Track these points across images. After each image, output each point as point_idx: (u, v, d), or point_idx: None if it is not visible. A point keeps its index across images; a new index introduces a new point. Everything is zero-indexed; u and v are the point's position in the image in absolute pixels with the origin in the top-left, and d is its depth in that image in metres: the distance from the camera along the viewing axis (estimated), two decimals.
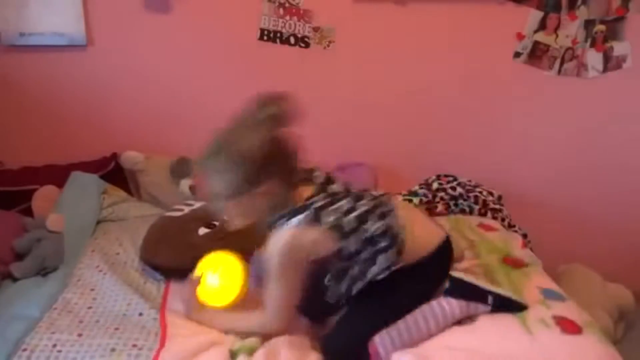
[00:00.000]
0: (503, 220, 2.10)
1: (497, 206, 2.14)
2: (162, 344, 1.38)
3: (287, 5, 2.25)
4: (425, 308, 1.44)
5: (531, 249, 1.96)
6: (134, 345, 1.38)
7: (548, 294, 1.56)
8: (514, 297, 1.50)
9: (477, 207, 2.15)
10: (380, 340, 1.36)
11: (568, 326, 1.41)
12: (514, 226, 2.09)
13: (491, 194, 2.19)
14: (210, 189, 1.33)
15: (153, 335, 1.42)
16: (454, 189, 2.18)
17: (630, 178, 2.50)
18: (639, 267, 2.58)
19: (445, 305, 1.46)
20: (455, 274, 1.56)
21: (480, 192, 2.18)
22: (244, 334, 1.43)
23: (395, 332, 1.38)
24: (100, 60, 2.25)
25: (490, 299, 1.47)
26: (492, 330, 1.41)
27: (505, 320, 1.44)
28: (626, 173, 2.50)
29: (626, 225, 2.56)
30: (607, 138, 2.45)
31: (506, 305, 1.48)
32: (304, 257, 1.34)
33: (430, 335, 1.41)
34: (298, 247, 1.32)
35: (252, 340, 1.39)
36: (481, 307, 1.48)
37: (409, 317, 1.42)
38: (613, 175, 2.50)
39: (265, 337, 1.42)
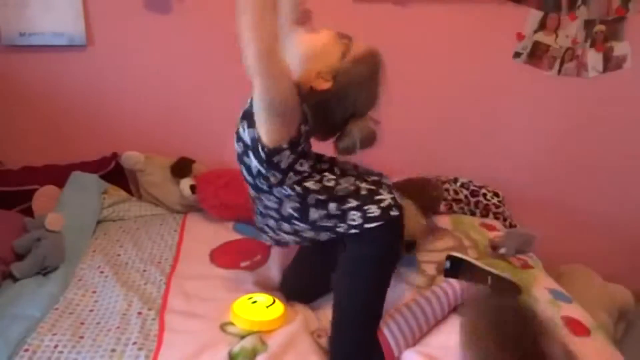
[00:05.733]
0: (505, 220, 2.10)
1: (500, 209, 2.14)
2: (162, 345, 1.38)
3: None
4: (428, 294, 1.46)
5: None
6: (134, 344, 1.38)
7: (557, 295, 1.57)
8: (512, 278, 1.51)
9: (478, 211, 2.15)
10: (391, 336, 1.36)
11: (577, 328, 1.42)
12: (516, 226, 2.09)
13: (496, 194, 2.19)
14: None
15: (153, 336, 1.42)
16: (456, 192, 2.17)
17: (630, 178, 2.51)
18: (639, 267, 2.58)
19: (448, 288, 1.48)
20: (454, 253, 1.57)
21: (485, 195, 2.17)
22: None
23: (403, 321, 1.39)
24: (100, 60, 2.24)
25: (489, 279, 1.49)
26: None
27: None
28: (626, 173, 2.50)
29: (626, 225, 2.57)
30: (608, 138, 2.45)
31: (504, 288, 1.49)
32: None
33: (436, 320, 1.43)
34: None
35: (252, 342, 1.38)
36: (481, 288, 1.49)
37: (414, 305, 1.43)
38: (613, 175, 2.50)
39: (266, 337, 1.41)
